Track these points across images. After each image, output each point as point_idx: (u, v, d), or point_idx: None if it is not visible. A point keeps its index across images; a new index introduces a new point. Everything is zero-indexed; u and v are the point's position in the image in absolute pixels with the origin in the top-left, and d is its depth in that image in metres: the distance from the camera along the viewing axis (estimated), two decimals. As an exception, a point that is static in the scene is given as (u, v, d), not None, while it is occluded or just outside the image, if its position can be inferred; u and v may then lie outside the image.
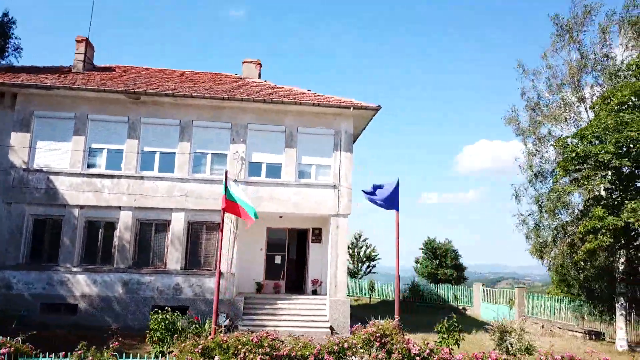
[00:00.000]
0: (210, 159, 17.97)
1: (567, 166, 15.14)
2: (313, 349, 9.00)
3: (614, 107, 14.79)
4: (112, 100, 17.53)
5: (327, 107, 17.95)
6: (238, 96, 17.58)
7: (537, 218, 19.48)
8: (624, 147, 13.91)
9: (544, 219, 19.04)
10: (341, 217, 18.09)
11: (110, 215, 17.23)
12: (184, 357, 8.57)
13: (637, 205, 13.35)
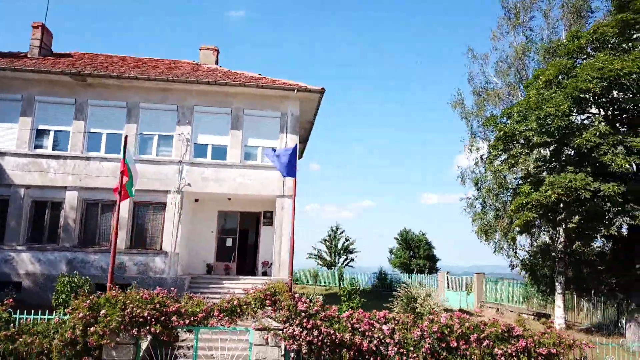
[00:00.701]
0: (156, 140, 18.25)
1: (497, 145, 15.43)
2: (203, 305, 9.28)
3: (541, 86, 15.07)
4: (59, 82, 17.81)
5: (272, 89, 18.24)
6: (183, 78, 17.85)
7: (481, 200, 19.77)
8: (545, 124, 14.18)
9: (487, 200, 19.32)
10: (286, 198, 18.36)
11: (57, 195, 17.50)
12: (75, 313, 8.86)
13: (555, 179, 13.62)
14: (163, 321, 8.94)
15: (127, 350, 8.98)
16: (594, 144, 13.36)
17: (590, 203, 13.40)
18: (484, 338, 9.33)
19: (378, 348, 9.19)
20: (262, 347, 9.19)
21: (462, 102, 20.77)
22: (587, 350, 9.98)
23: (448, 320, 9.45)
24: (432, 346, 9.20)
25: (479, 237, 19.84)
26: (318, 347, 9.07)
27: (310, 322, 9.08)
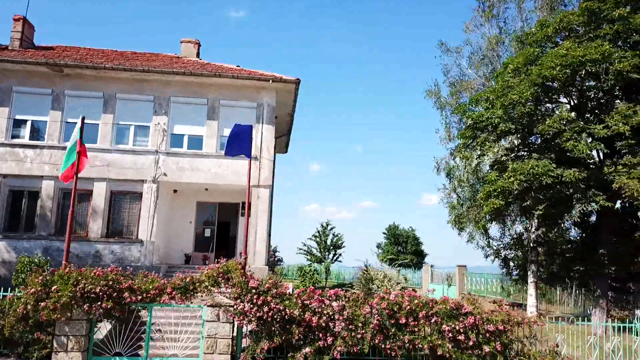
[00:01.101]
0: (133, 130, 18.41)
1: (466, 133, 15.59)
2: (156, 283, 9.44)
3: (509, 74, 15.22)
4: (37, 73, 17.98)
5: (247, 80, 18.40)
6: (159, 69, 18.02)
7: (453, 190, 19.93)
8: (510, 111, 14.33)
9: (457, 189, 19.49)
10: (262, 188, 18.54)
11: (34, 184, 17.66)
12: (28, 288, 9.02)
13: (517, 166, 13.77)
14: (115, 297, 9.11)
15: (80, 326, 9.15)
16: (557, 130, 13.51)
17: (554, 189, 13.54)
18: (433, 315, 9.50)
19: (327, 324, 9.36)
20: (214, 324, 9.37)
21: (437, 92, 20.97)
22: (536, 327, 10.14)
23: (398, 297, 9.62)
24: (381, 322, 9.37)
25: (453, 227, 20.01)
26: (268, 322, 9.24)
27: (261, 298, 9.25)
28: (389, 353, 9.47)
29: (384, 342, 9.32)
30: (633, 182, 12.26)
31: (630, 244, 14.86)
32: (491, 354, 9.52)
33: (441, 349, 9.29)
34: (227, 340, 9.33)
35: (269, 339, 9.29)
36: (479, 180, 19.12)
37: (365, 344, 9.16)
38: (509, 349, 9.77)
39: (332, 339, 9.30)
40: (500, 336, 9.66)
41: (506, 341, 9.68)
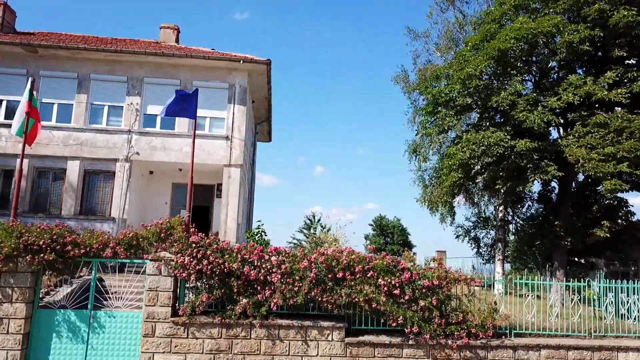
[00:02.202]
0: (107, 110, 18.75)
1: (426, 108, 15.85)
2: (99, 237, 9.73)
3: (468, 51, 15.48)
4: (11, 54, 18.34)
5: (218, 61, 18.73)
6: (131, 50, 18.36)
7: (420, 167, 20.19)
8: (467, 85, 14.58)
9: (422, 166, 19.76)
10: (233, 167, 18.85)
11: (8, 163, 17.99)
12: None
13: (471, 136, 14.02)
14: (59, 250, 9.40)
15: (25, 278, 9.44)
16: (510, 102, 13.75)
17: (508, 161, 13.77)
18: (369, 269, 9.74)
19: (266, 278, 9.61)
20: (155, 277, 9.64)
21: (405, 77, 21.26)
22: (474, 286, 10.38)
23: (335, 252, 9.87)
24: (318, 276, 9.61)
25: (422, 205, 20.26)
26: (208, 276, 9.51)
27: (201, 252, 9.52)
28: (326, 306, 9.73)
29: (321, 295, 9.56)
30: (580, 150, 12.48)
31: (587, 216, 15.07)
32: (427, 308, 9.76)
33: (376, 302, 9.54)
34: (169, 293, 9.59)
35: (208, 292, 9.57)
36: (442, 157, 19.39)
37: (301, 295, 9.40)
38: (445, 305, 10.00)
39: (270, 292, 9.57)
40: (437, 292, 9.90)
41: (442, 297, 9.91)
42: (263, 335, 9.55)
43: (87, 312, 9.64)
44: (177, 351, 9.40)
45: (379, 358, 9.69)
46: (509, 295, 11.67)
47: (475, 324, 9.92)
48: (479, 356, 9.85)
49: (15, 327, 9.25)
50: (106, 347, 9.54)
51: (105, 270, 11.61)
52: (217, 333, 9.49)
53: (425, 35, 21.10)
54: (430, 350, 9.77)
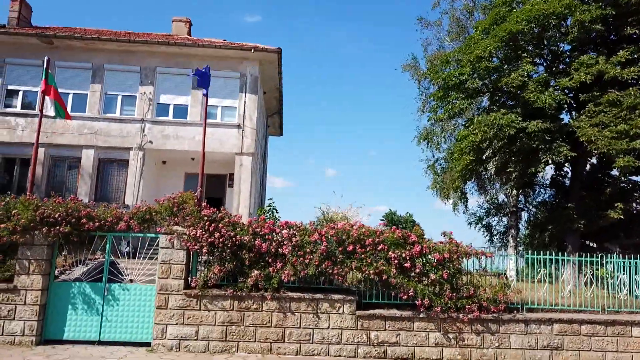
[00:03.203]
0: (120, 100, 19.01)
1: (437, 93, 15.83)
2: (114, 211, 9.90)
3: (478, 35, 15.44)
4: (28, 45, 18.68)
5: (229, 50, 18.89)
6: (143, 39, 18.61)
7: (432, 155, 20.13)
8: (476, 67, 14.53)
9: (435, 153, 19.71)
10: (245, 155, 18.98)
11: (25, 151, 18.31)
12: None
13: (482, 118, 13.98)
14: (74, 223, 9.58)
15: (41, 251, 9.64)
16: (520, 83, 13.68)
17: (520, 142, 13.70)
18: (379, 243, 9.77)
19: (277, 250, 9.70)
20: (168, 250, 9.77)
21: (415, 65, 21.26)
22: (485, 259, 10.36)
23: (345, 226, 9.92)
24: (329, 249, 9.67)
25: (435, 193, 20.20)
26: (219, 248, 9.62)
27: (213, 225, 9.64)
28: (337, 280, 9.78)
29: (331, 268, 9.61)
30: (592, 129, 12.39)
31: (599, 198, 14.92)
32: (438, 281, 9.76)
33: (387, 275, 9.56)
34: (181, 266, 9.72)
35: (220, 264, 9.68)
36: (453, 144, 19.33)
37: (312, 267, 9.46)
38: (456, 279, 9.99)
39: (281, 265, 9.65)
40: (447, 266, 9.90)
41: (453, 270, 9.91)
42: (274, 308, 9.62)
43: (101, 284, 9.80)
44: (189, 323, 9.51)
45: (390, 331, 9.71)
46: (520, 272, 11.60)
47: (486, 297, 9.89)
48: (490, 330, 9.82)
49: (32, 299, 9.44)
50: (120, 318, 9.69)
51: (119, 256, 11.77)
52: (229, 305, 9.59)
53: (437, 24, 21.14)
54: (441, 323, 9.77)
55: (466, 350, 9.73)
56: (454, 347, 9.72)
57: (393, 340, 9.67)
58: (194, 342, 9.45)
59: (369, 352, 9.60)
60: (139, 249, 10.30)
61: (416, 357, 9.63)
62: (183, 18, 23.16)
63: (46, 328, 9.58)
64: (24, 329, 9.34)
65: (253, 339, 9.53)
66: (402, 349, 9.65)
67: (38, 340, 9.41)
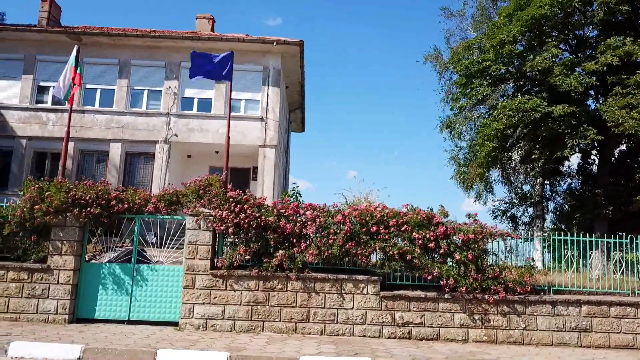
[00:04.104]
0: (146, 94, 19.46)
1: (460, 81, 15.73)
2: (140, 194, 10.15)
3: (502, 21, 15.30)
4: (58, 42, 19.27)
5: (252, 43, 19.16)
6: (168, 34, 19.00)
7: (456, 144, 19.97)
8: (500, 52, 14.39)
9: (459, 143, 19.55)
10: (268, 148, 19.19)
11: (55, 146, 18.84)
12: (26, 195, 9.88)
13: (506, 103, 13.86)
14: (103, 205, 9.84)
15: (73, 232, 9.93)
16: (545, 67, 13.50)
17: (545, 126, 13.51)
18: (403, 224, 9.78)
19: (301, 231, 9.80)
20: (195, 231, 9.95)
21: (437, 56, 21.15)
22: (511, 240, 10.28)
23: (369, 207, 9.96)
24: (352, 230, 9.71)
25: (458, 185, 20.01)
26: (245, 229, 9.76)
27: (238, 206, 9.78)
28: (360, 262, 9.82)
29: (355, 248, 9.65)
30: (619, 111, 12.17)
31: (628, 184, 14.62)
32: (462, 262, 9.72)
33: (410, 255, 9.56)
34: (207, 247, 9.88)
35: (245, 245, 9.82)
36: (477, 133, 19.16)
37: (336, 247, 9.53)
38: (481, 260, 9.92)
39: (305, 245, 9.75)
40: (472, 247, 9.84)
41: (478, 251, 9.84)
42: (299, 288, 9.71)
43: (130, 265, 10.04)
44: (216, 302, 9.67)
45: (415, 312, 9.70)
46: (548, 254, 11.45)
47: (512, 279, 9.80)
48: (516, 311, 9.72)
49: (64, 278, 9.73)
50: (149, 298, 9.91)
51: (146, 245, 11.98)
52: (255, 285, 9.72)
53: (460, 14, 21.05)
54: (466, 304, 9.72)
55: (492, 331, 9.66)
56: (480, 328, 9.66)
57: (418, 321, 9.65)
58: (221, 321, 9.60)
59: (394, 332, 9.60)
60: (165, 239, 10.47)
61: (441, 338, 9.59)
62: (206, 15, 23.50)
63: (78, 307, 9.85)
64: (57, 308, 9.63)
65: (278, 319, 9.63)
66: (427, 329, 9.63)
67: (70, 319, 9.68)
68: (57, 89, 12.19)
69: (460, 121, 19.14)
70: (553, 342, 9.60)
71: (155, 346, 7.82)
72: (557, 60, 13.89)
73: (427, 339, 9.56)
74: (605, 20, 13.76)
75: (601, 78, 13.76)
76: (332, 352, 8.02)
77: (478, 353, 8.53)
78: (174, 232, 10.35)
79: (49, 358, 7.35)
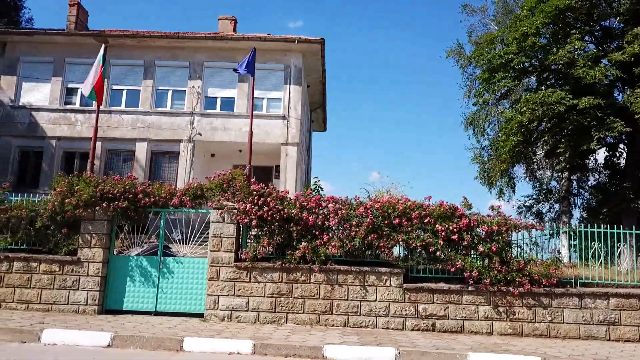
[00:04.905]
0: (171, 94, 19.82)
1: (482, 75, 15.59)
2: (166, 188, 10.37)
3: (524, 14, 15.12)
4: (85, 45, 19.78)
5: (273, 42, 19.34)
6: (191, 35, 19.32)
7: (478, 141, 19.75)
8: (522, 45, 14.19)
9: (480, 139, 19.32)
10: (290, 146, 19.33)
11: (84, 145, 19.33)
12: (57, 189, 10.19)
13: (530, 96, 13.67)
14: (130, 199, 10.09)
15: (102, 225, 10.20)
16: (569, 59, 13.28)
17: (570, 120, 13.29)
18: (426, 216, 9.76)
19: (324, 223, 9.87)
20: (219, 224, 10.11)
21: (459, 51, 20.98)
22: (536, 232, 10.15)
23: (391, 200, 9.97)
24: (374, 222, 9.73)
25: (482, 183, 19.78)
26: (268, 221, 9.87)
27: (262, 199, 9.91)
28: (383, 251, 9.82)
29: (377, 240, 9.67)
30: (647, 102, 11.90)
31: (657, 176, 14.27)
32: (486, 254, 9.64)
33: (434, 247, 9.54)
34: (231, 239, 10.03)
35: (269, 237, 9.93)
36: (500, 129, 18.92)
37: (358, 239, 9.56)
38: (505, 252, 9.83)
39: (327, 238, 9.81)
40: (496, 239, 9.76)
41: (502, 243, 9.76)
42: (322, 280, 9.77)
43: (157, 258, 10.25)
44: (240, 294, 9.80)
45: (438, 304, 9.66)
46: (573, 247, 11.27)
47: (538, 271, 9.68)
48: (542, 303, 9.60)
49: (94, 270, 10.00)
50: (175, 290, 10.10)
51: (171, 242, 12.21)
52: (278, 277, 9.82)
53: (482, 10, 20.88)
54: (491, 297, 9.64)
55: (517, 324, 9.55)
56: (505, 320, 9.56)
57: (441, 314, 9.62)
58: (245, 313, 9.73)
59: (417, 324, 9.58)
60: (190, 234, 10.63)
61: (465, 331, 9.54)
62: (229, 16, 23.78)
63: (107, 299, 10.10)
64: (87, 299, 9.90)
65: (301, 311, 9.71)
66: (450, 322, 9.58)
67: (100, 310, 9.94)
68: (85, 87, 12.53)
69: (484, 117, 18.97)
70: (580, 335, 9.45)
71: (181, 335, 7.98)
72: (582, 52, 13.64)
73: (451, 332, 9.51)
74: (632, 10, 13.47)
75: (627, 69, 13.48)
76: (356, 342, 8.06)
77: (503, 345, 8.45)
78: (197, 228, 10.53)
79: (80, 344, 7.57)
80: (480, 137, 19.69)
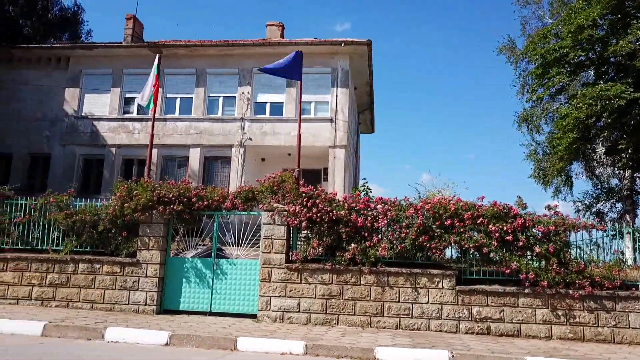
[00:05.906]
0: (222, 101, 20.34)
1: (536, 71, 15.04)
2: (219, 191, 10.67)
3: (580, 5, 14.47)
4: (141, 56, 20.64)
5: (320, 46, 19.46)
6: (240, 42, 19.77)
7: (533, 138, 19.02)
8: (578, 38, 13.57)
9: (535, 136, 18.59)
10: (337, 148, 19.38)
11: (141, 153, 20.15)
12: (117, 194, 10.70)
13: (586, 90, 13.06)
14: (185, 202, 10.44)
15: (159, 228, 10.62)
16: (630, 50, 12.58)
17: (631, 114, 12.60)
18: (478, 216, 9.54)
19: (373, 224, 9.84)
20: (270, 226, 10.30)
21: (511, 47, 20.32)
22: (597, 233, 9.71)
23: (442, 200, 9.81)
24: (425, 224, 9.61)
25: (537, 181, 19.03)
26: (317, 223, 9.95)
27: (311, 201, 10.01)
28: (434, 253, 9.67)
29: (429, 242, 9.55)
30: None
31: None
32: (543, 255, 9.32)
33: (487, 248, 9.31)
34: (282, 241, 10.18)
35: (318, 239, 10.01)
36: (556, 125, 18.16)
37: (409, 241, 9.47)
38: (563, 253, 9.46)
39: (377, 239, 9.78)
40: (553, 239, 9.42)
41: (560, 244, 9.40)
42: (372, 282, 9.74)
43: (211, 260, 10.54)
44: (291, 295, 9.92)
45: (493, 307, 9.41)
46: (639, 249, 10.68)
47: (599, 273, 9.25)
48: (605, 307, 9.16)
49: (152, 272, 10.42)
50: (228, 291, 10.36)
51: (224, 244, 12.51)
52: (328, 279, 9.87)
53: (536, 1, 20.16)
54: (548, 299, 9.29)
55: (578, 328, 9.16)
56: (564, 324, 9.19)
57: (497, 317, 9.36)
58: (296, 314, 9.84)
59: (471, 327, 9.37)
60: (242, 236, 10.85)
61: (522, 334, 9.24)
62: (276, 23, 24.12)
63: (164, 299, 10.50)
64: (146, 299, 10.32)
65: (352, 312, 9.71)
66: (506, 325, 9.31)
67: (158, 310, 10.33)
68: (141, 97, 13.08)
69: (538, 114, 18.31)
70: (648, 341, 8.94)
71: (235, 334, 8.17)
72: (644, 42, 12.93)
73: (507, 335, 9.24)
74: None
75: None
76: (408, 344, 7.98)
77: (563, 349, 8.13)
78: (249, 230, 10.75)
79: (141, 342, 7.90)
80: (535, 133, 19.05)
